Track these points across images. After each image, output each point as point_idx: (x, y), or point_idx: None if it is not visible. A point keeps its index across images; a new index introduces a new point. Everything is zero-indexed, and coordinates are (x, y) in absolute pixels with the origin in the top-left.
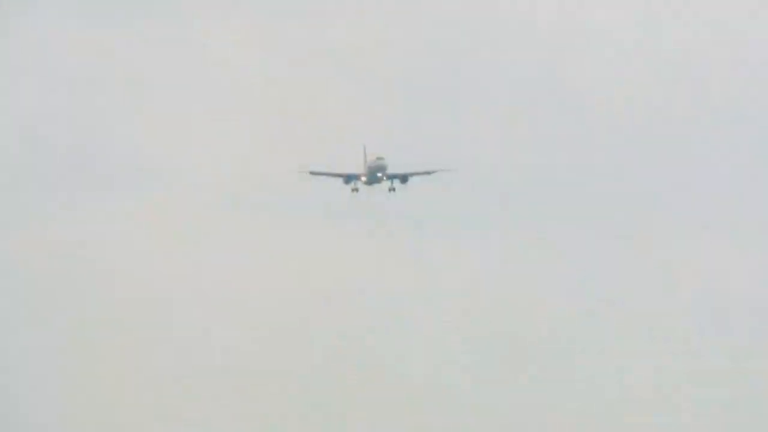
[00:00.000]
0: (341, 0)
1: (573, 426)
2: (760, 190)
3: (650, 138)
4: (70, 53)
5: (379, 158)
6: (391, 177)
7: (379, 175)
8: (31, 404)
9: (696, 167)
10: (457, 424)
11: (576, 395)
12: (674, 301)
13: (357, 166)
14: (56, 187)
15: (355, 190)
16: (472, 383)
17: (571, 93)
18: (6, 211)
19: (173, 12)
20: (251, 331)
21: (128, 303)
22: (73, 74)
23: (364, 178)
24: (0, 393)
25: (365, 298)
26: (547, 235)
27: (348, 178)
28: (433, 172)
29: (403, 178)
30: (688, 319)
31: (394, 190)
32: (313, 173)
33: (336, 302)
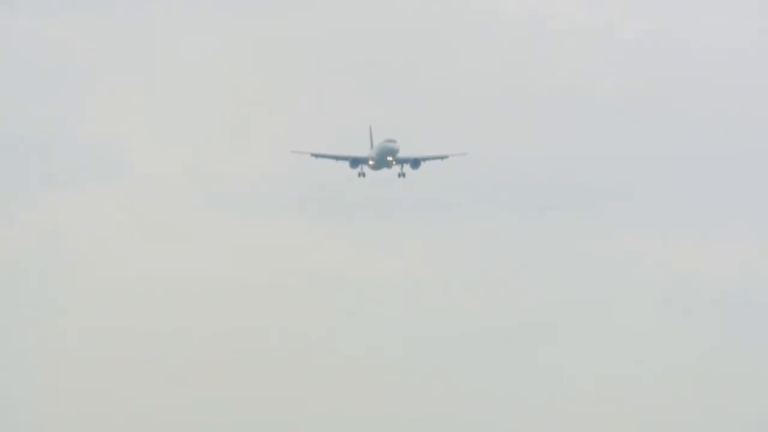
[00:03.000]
0: None
1: (568, 417)
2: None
3: (655, 130)
4: (41, 49)
5: (390, 141)
6: (402, 161)
7: (389, 159)
8: None
9: (695, 160)
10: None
11: (577, 383)
12: (678, 292)
13: (363, 150)
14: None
15: (362, 174)
16: (480, 371)
17: (585, 79)
18: None
19: None
20: (251, 323)
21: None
22: (51, 68)
23: (371, 162)
24: None
25: (371, 287)
26: (560, 222)
27: (354, 162)
28: (446, 156)
29: (415, 163)
30: (691, 311)
31: (404, 175)
32: (315, 156)
33: (339, 292)
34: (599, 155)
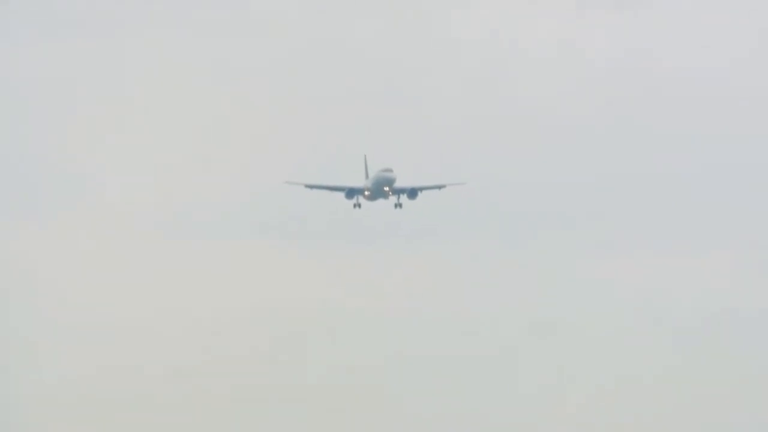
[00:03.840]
0: (350, 3)
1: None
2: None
3: (661, 155)
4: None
5: (386, 170)
6: (398, 191)
7: (386, 189)
8: None
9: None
10: None
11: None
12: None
13: (358, 180)
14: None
15: (357, 205)
16: (471, 396)
17: (585, 105)
18: None
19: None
20: (247, 353)
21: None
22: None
23: (367, 193)
24: None
25: (367, 315)
26: (560, 250)
27: (350, 192)
28: (443, 186)
29: (412, 193)
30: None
31: (400, 206)
32: (309, 187)
33: (334, 320)
34: (600, 181)
